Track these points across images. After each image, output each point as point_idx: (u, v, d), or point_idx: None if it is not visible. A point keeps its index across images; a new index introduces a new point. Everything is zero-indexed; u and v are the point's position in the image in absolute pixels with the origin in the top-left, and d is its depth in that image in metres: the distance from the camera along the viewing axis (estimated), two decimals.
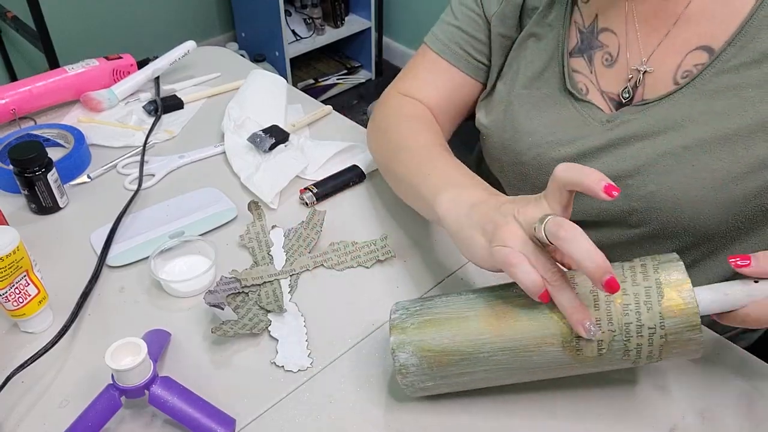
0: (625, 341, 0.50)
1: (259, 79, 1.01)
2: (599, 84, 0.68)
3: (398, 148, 0.73)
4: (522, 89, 0.72)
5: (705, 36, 0.61)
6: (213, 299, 0.64)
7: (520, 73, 0.72)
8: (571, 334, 0.50)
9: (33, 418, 0.58)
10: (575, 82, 0.69)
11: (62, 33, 2.24)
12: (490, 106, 0.76)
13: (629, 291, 0.50)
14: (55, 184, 0.78)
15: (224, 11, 2.79)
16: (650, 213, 0.66)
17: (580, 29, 0.68)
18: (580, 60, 0.69)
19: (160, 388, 0.55)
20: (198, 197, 0.82)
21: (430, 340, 0.53)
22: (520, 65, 0.72)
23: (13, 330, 0.66)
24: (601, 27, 0.67)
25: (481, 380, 0.54)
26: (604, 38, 0.67)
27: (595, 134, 0.67)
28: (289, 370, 0.62)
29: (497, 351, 0.52)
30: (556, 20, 0.69)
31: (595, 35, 0.67)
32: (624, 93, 0.66)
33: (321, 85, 2.77)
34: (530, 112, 0.71)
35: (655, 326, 0.49)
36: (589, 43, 0.68)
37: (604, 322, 0.50)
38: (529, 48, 0.71)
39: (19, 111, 0.94)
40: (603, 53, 0.67)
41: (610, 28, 0.66)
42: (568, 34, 0.69)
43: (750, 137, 0.60)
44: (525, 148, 0.72)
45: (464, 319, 0.53)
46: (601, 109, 0.68)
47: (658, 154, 0.64)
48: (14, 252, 0.60)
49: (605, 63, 0.67)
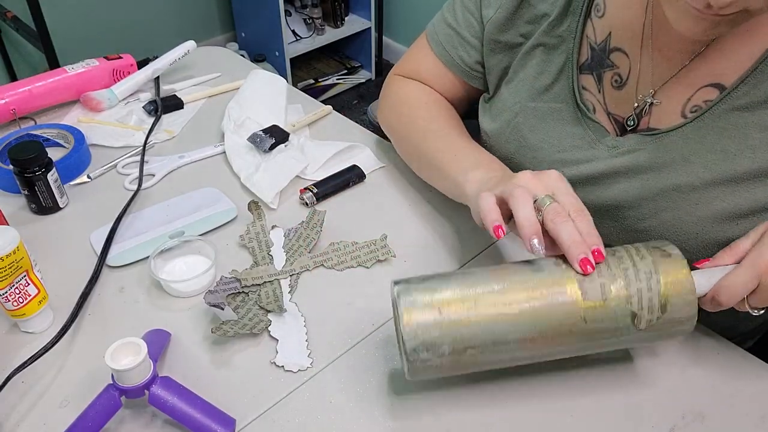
0: (626, 285, 0.52)
1: (259, 79, 1.01)
2: (606, 105, 0.66)
3: (425, 131, 0.76)
4: (529, 101, 0.70)
5: (717, 74, 0.60)
6: (213, 299, 0.64)
7: (527, 84, 0.70)
8: (577, 283, 0.52)
9: (33, 418, 0.58)
10: (584, 99, 0.67)
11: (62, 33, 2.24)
12: (494, 112, 0.75)
13: (623, 253, 0.55)
14: (55, 184, 0.78)
15: (224, 11, 2.79)
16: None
17: (591, 45, 0.66)
18: (588, 77, 0.67)
19: (160, 388, 0.55)
20: (198, 197, 0.82)
21: (449, 296, 0.53)
22: (528, 75, 0.70)
23: (13, 330, 0.66)
24: (614, 46, 0.64)
25: (494, 345, 0.53)
26: (615, 58, 0.65)
27: (600, 159, 0.66)
28: (289, 370, 0.62)
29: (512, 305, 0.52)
30: (568, 32, 0.66)
31: (606, 54, 0.65)
32: (629, 120, 0.65)
33: (321, 85, 2.77)
34: (536, 126, 0.70)
35: (650, 271, 0.52)
36: (599, 61, 0.65)
37: (604, 268, 0.53)
38: (537, 58, 0.69)
39: (19, 111, 0.94)
40: (613, 74, 0.65)
41: (622, 48, 0.64)
42: (579, 49, 0.66)
43: (753, 181, 0.59)
44: (528, 164, 0.71)
45: (474, 285, 0.54)
46: (608, 130, 0.66)
47: (661, 189, 0.62)
48: (14, 252, 0.60)
49: (614, 84, 0.65)
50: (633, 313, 0.52)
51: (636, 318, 0.52)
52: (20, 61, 2.34)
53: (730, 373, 0.61)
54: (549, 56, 0.68)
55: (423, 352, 0.52)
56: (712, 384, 0.60)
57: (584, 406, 0.59)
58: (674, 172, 0.62)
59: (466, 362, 0.53)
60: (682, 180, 0.61)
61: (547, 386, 0.60)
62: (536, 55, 0.69)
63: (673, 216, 0.62)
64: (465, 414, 0.58)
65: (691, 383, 0.60)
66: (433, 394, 0.60)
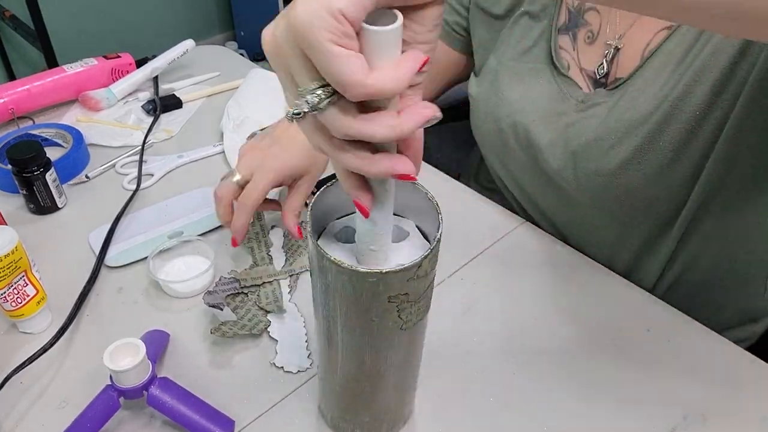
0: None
1: (258, 78, 1.01)
2: (580, 61, 0.71)
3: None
4: (510, 61, 0.75)
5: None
6: (212, 299, 0.64)
7: (510, 47, 0.75)
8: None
9: (31, 418, 0.58)
10: (560, 58, 0.72)
11: (60, 32, 2.24)
12: (481, 77, 0.79)
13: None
14: (54, 183, 0.78)
15: (223, 10, 2.79)
16: (602, 190, 0.68)
17: (569, 9, 0.71)
18: (565, 37, 0.71)
19: (159, 389, 0.55)
20: (197, 197, 0.82)
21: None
22: (513, 40, 0.75)
23: (12, 330, 0.66)
24: (588, 6, 0.70)
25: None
26: (589, 16, 0.70)
27: (569, 112, 0.70)
28: (288, 371, 0.61)
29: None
30: (550, 0, 0.72)
31: (581, 14, 0.70)
32: (599, 69, 0.69)
33: None
34: (513, 82, 0.74)
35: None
36: (575, 21, 0.71)
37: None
38: (522, 24, 0.74)
39: (18, 110, 0.93)
40: (586, 31, 0.70)
41: (594, 7, 0.69)
42: (559, 13, 0.72)
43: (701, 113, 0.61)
44: (504, 115, 0.75)
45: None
46: (580, 86, 0.70)
47: (618, 125, 0.65)
48: (12, 252, 0.59)
49: (587, 40, 0.70)
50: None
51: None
52: (18, 60, 2.33)
53: (731, 374, 0.61)
54: (532, 22, 0.73)
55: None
56: (714, 384, 0.60)
57: (585, 406, 0.58)
58: (621, 114, 0.65)
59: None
60: (626, 117, 0.64)
61: (547, 387, 0.60)
62: (522, 22, 0.74)
63: (628, 149, 0.64)
64: (465, 413, 0.58)
65: (692, 384, 0.60)
66: (430, 392, 0.60)
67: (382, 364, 0.46)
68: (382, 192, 0.38)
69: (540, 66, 0.73)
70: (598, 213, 0.72)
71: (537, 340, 0.65)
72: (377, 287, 0.39)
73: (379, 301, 0.40)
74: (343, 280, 0.40)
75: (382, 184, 0.38)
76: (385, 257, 0.42)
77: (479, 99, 0.79)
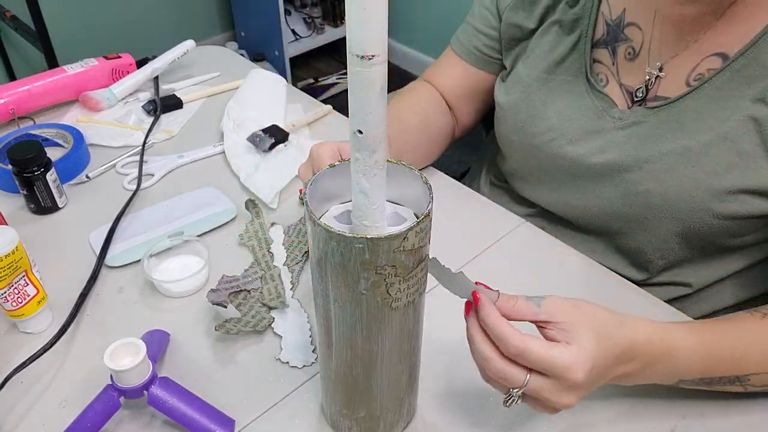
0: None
1: (258, 78, 1.01)
2: (619, 76, 0.69)
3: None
4: (542, 73, 0.74)
5: (722, 44, 0.63)
6: (215, 297, 0.64)
7: (541, 58, 0.74)
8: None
9: (32, 418, 0.58)
10: (596, 72, 0.71)
11: (61, 32, 2.24)
12: (509, 85, 0.78)
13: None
14: (54, 183, 0.78)
15: (224, 10, 2.79)
16: (641, 212, 0.68)
17: (607, 21, 0.69)
18: (603, 51, 0.70)
19: (159, 388, 0.55)
20: (197, 197, 0.82)
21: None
22: (543, 50, 0.74)
23: (12, 330, 0.66)
24: (628, 21, 0.68)
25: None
26: (630, 32, 0.68)
27: (606, 130, 0.69)
28: (294, 366, 0.62)
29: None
30: (583, 10, 0.70)
31: (621, 28, 0.68)
32: (638, 92, 0.68)
33: (321, 85, 2.77)
34: (547, 97, 0.73)
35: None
36: (615, 35, 0.69)
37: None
38: (553, 34, 0.73)
39: (18, 111, 0.93)
40: (627, 46, 0.68)
41: (636, 23, 0.68)
42: (594, 25, 0.70)
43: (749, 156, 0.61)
44: (539, 132, 0.74)
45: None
46: (616, 103, 0.69)
47: (659, 151, 0.65)
48: (13, 252, 0.60)
49: (627, 56, 0.69)
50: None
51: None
52: (19, 60, 2.33)
53: None
54: (564, 33, 0.72)
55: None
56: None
57: (584, 406, 0.58)
58: (673, 137, 0.65)
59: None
60: (680, 143, 0.64)
61: None
62: (552, 32, 0.73)
63: (670, 177, 0.65)
64: (464, 412, 0.58)
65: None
66: (430, 391, 0.60)
67: (373, 346, 0.47)
68: (371, 164, 0.40)
69: (572, 79, 0.72)
70: (656, 221, 0.70)
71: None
72: (364, 254, 0.41)
73: (367, 271, 0.42)
74: (332, 247, 0.41)
75: (370, 155, 0.40)
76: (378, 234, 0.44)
77: (508, 110, 0.77)
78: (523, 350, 0.44)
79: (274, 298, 0.67)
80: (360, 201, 0.42)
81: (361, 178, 0.41)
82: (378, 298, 0.43)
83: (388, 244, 0.40)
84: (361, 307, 0.44)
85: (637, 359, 0.49)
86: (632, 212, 0.69)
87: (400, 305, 0.45)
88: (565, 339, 0.45)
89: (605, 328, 0.47)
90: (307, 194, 0.44)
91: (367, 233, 0.43)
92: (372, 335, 0.46)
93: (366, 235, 0.40)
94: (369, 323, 0.45)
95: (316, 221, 0.41)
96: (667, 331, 0.51)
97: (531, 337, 0.45)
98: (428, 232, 0.43)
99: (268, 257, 0.73)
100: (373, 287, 0.43)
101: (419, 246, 0.42)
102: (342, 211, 0.48)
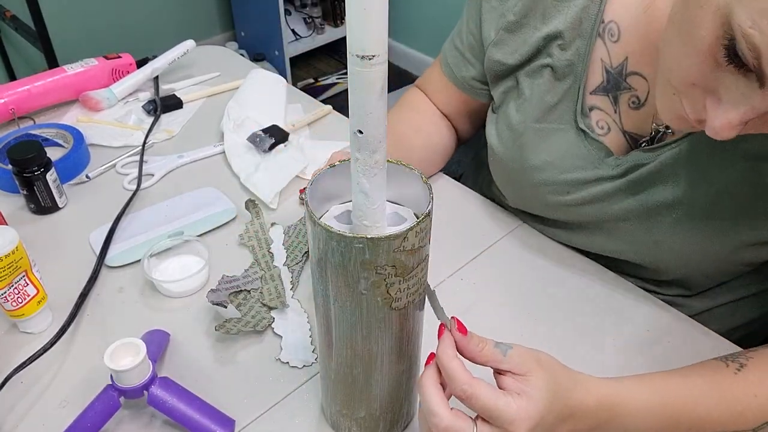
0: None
1: (258, 78, 1.01)
2: (623, 124, 0.66)
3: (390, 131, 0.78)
4: (533, 122, 0.70)
5: None
6: (215, 297, 0.64)
7: (533, 103, 0.70)
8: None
9: (32, 418, 0.58)
10: (590, 120, 0.67)
11: (61, 32, 2.24)
12: (500, 127, 0.74)
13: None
14: (54, 183, 0.78)
15: (224, 10, 2.79)
16: (643, 257, 0.68)
17: (607, 68, 0.65)
18: (604, 98, 0.66)
19: (159, 388, 0.55)
20: (197, 197, 0.82)
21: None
22: (534, 94, 0.69)
23: (12, 330, 0.66)
24: (631, 70, 0.64)
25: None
26: (633, 81, 0.64)
27: (602, 179, 0.66)
28: (294, 366, 0.62)
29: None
30: (576, 56, 0.66)
31: (623, 77, 0.64)
32: (644, 144, 0.65)
33: (321, 85, 2.77)
34: (539, 146, 0.70)
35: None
36: (616, 83, 0.65)
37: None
38: (544, 78, 0.68)
39: (18, 111, 0.93)
40: (630, 95, 0.64)
41: (640, 72, 0.63)
42: (589, 71, 0.66)
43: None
44: (532, 183, 0.71)
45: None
46: (612, 151, 0.66)
47: (663, 202, 0.63)
48: (13, 252, 0.60)
49: (632, 105, 0.65)
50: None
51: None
52: (19, 60, 2.33)
53: None
54: (556, 77, 0.68)
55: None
56: None
57: None
58: (674, 185, 0.62)
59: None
60: (682, 192, 0.62)
61: None
62: (544, 75, 0.68)
63: (679, 228, 0.63)
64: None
65: None
66: None
67: (374, 346, 0.47)
68: (372, 164, 0.40)
69: (565, 127, 0.68)
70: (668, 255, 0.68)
71: (537, 340, 0.65)
72: (364, 254, 0.41)
73: (367, 271, 0.42)
74: (332, 247, 0.41)
75: (371, 155, 0.40)
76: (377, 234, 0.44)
77: (500, 155, 0.74)
78: (471, 395, 0.44)
79: (274, 298, 0.67)
80: (360, 201, 0.43)
81: (361, 178, 0.41)
82: (378, 298, 0.43)
83: (388, 244, 0.40)
84: (361, 307, 0.44)
85: (585, 421, 0.49)
86: (635, 256, 0.69)
87: (400, 305, 0.45)
88: (517, 390, 0.45)
89: (559, 387, 0.47)
90: (307, 194, 0.44)
91: (367, 233, 0.43)
92: (372, 335, 0.46)
93: (366, 235, 0.40)
94: (369, 323, 0.45)
95: (316, 221, 0.41)
96: (621, 391, 0.51)
97: (481, 382, 0.45)
98: (428, 232, 0.43)
99: (268, 257, 0.73)
100: (373, 287, 0.43)
101: (419, 246, 0.42)
102: (342, 211, 0.49)
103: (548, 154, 0.69)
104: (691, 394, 0.53)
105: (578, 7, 0.64)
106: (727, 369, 0.54)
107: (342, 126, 0.98)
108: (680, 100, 0.49)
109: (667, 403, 0.52)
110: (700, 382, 0.53)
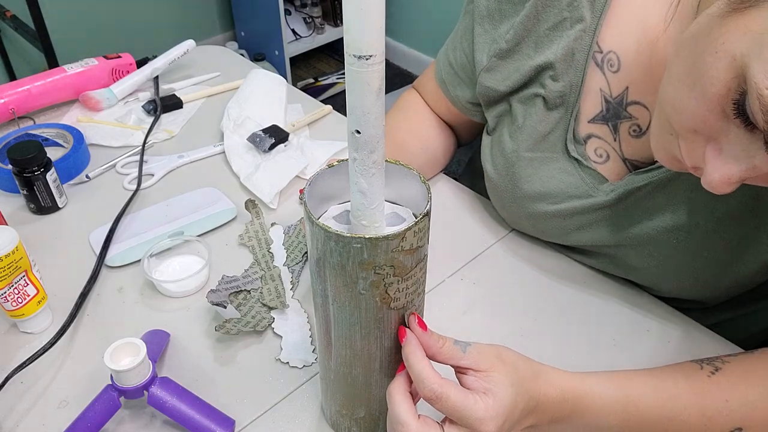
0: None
1: (258, 78, 1.01)
2: (623, 152, 0.65)
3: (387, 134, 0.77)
4: (526, 151, 0.69)
5: None
6: (215, 298, 0.64)
7: (526, 133, 0.69)
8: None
9: (32, 418, 0.58)
10: (583, 148, 0.66)
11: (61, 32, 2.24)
12: (495, 154, 0.73)
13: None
14: (54, 183, 0.78)
15: (224, 10, 2.79)
16: (645, 277, 0.68)
17: (606, 98, 0.64)
18: (602, 126, 0.65)
19: (159, 388, 0.55)
20: (197, 197, 0.82)
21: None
22: (527, 123, 0.68)
23: (12, 330, 0.66)
24: (632, 100, 0.63)
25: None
26: (634, 110, 0.63)
27: (597, 206, 0.66)
28: (294, 366, 0.62)
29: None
30: (569, 87, 0.65)
31: (623, 106, 0.63)
32: (643, 174, 0.64)
33: (321, 85, 2.77)
34: (533, 176, 0.69)
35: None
36: (616, 113, 0.64)
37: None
38: (537, 107, 0.67)
39: (18, 110, 0.93)
40: (631, 124, 0.63)
41: (642, 102, 0.62)
42: (584, 100, 0.65)
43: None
44: (527, 212, 0.71)
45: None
46: (608, 178, 0.65)
47: (656, 228, 0.63)
48: (13, 252, 0.60)
49: (632, 133, 0.63)
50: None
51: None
52: (19, 60, 2.33)
53: None
54: (548, 106, 0.67)
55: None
56: None
57: None
58: (673, 208, 0.61)
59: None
60: (683, 215, 0.61)
61: None
62: (537, 104, 0.67)
63: (681, 252, 0.62)
64: None
65: None
66: None
67: (372, 346, 0.47)
68: (370, 163, 0.40)
69: (558, 155, 0.67)
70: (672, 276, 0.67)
71: (537, 340, 0.65)
72: (362, 254, 0.41)
73: (365, 271, 0.42)
74: (330, 247, 0.41)
75: (369, 155, 0.40)
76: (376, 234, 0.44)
77: (495, 182, 0.73)
78: (441, 395, 0.44)
79: (274, 298, 0.67)
80: (358, 201, 0.43)
81: (359, 177, 0.41)
82: (377, 298, 0.44)
83: (386, 244, 0.40)
84: (359, 307, 0.44)
85: (547, 413, 0.48)
86: (638, 278, 0.69)
87: (398, 305, 0.45)
88: (482, 389, 0.45)
89: (522, 381, 0.46)
90: (305, 194, 0.44)
91: (366, 233, 0.43)
92: (371, 335, 0.46)
93: (364, 235, 0.40)
94: (368, 323, 0.45)
95: (314, 221, 0.42)
96: (585, 385, 0.50)
97: (450, 383, 0.44)
98: (427, 232, 0.44)
99: (268, 257, 0.73)
100: (372, 287, 0.43)
101: (418, 246, 0.42)
102: (341, 211, 0.49)
103: (541, 184, 0.68)
104: (660, 395, 0.52)
105: (570, 38, 0.63)
106: (700, 372, 0.53)
107: (342, 126, 0.98)
108: (677, 142, 0.47)
109: (632, 402, 0.51)
110: (671, 384, 0.52)
